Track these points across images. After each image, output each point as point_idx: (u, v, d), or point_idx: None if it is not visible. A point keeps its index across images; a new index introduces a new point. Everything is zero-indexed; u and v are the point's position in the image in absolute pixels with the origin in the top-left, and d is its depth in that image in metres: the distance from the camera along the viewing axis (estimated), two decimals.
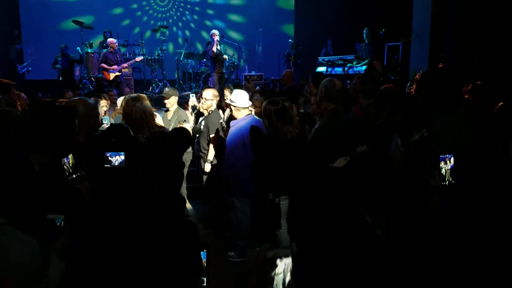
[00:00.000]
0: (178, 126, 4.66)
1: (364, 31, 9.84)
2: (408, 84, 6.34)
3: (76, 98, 3.13)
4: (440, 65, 6.63)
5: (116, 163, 2.15)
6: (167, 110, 5.31)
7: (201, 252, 1.91)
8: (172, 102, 5.21)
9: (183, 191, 5.10)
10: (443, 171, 2.35)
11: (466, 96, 4.11)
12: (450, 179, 2.35)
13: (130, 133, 2.73)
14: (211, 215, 5.39)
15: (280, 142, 3.77)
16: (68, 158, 2.01)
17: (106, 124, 4.32)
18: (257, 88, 7.15)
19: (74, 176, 2.02)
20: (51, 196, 1.87)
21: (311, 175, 2.57)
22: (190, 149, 5.21)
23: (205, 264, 1.89)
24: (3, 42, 11.42)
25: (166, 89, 5.49)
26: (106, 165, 2.13)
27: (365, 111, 4.12)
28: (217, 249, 4.70)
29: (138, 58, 10.21)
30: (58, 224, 1.79)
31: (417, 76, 4.47)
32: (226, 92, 5.92)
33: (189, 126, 4.96)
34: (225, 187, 4.36)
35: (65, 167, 1.99)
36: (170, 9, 13.90)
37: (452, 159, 2.34)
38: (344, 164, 2.63)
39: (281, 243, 3.95)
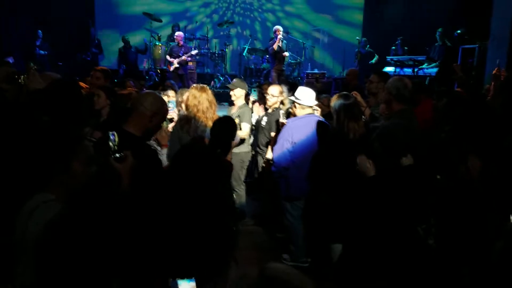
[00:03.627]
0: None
1: (438, 32, 9.32)
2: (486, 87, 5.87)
3: (147, 91, 3.14)
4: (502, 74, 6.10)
5: None
6: (232, 104, 5.18)
7: None
8: (237, 95, 4.96)
9: (242, 187, 5.05)
10: None
11: None
12: None
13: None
14: (264, 213, 5.31)
15: (343, 140, 3.59)
16: (114, 135, 1.93)
17: (171, 107, 4.40)
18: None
19: (117, 154, 1.91)
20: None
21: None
22: (249, 148, 5.13)
23: None
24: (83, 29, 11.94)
25: (235, 80, 5.29)
26: None
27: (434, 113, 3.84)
28: (270, 249, 4.62)
29: (194, 52, 10.43)
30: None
31: (494, 71, 4.05)
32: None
33: (247, 125, 4.85)
34: (277, 187, 4.25)
35: (110, 144, 1.89)
36: (236, 6, 13.97)
37: None
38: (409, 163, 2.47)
39: (335, 255, 3.80)
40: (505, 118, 2.92)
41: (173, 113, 4.47)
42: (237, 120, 4.26)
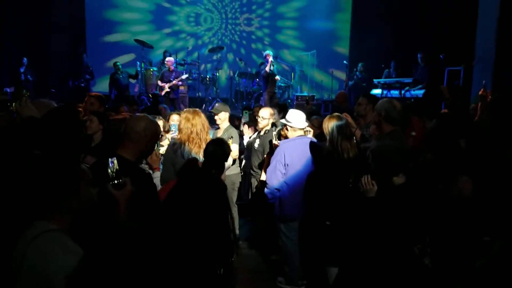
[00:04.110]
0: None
1: (419, 55, 9.61)
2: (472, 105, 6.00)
3: (139, 114, 3.17)
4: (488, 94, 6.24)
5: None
6: (218, 128, 5.25)
7: None
8: (222, 119, 5.02)
9: (234, 209, 5.05)
10: None
11: None
12: None
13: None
14: (257, 235, 5.30)
15: (337, 160, 3.64)
16: (113, 162, 1.93)
17: (173, 132, 4.44)
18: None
19: (116, 181, 1.93)
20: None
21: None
22: (238, 170, 5.17)
23: None
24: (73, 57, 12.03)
25: (217, 104, 5.41)
26: None
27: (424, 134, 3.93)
28: (264, 272, 4.59)
29: (184, 76, 10.61)
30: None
31: (481, 91, 4.14)
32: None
33: (236, 146, 4.89)
34: (271, 209, 4.26)
35: (108, 170, 1.91)
36: (225, 31, 14.20)
37: None
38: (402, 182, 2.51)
39: (331, 278, 3.80)
40: (494, 137, 2.98)
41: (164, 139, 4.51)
42: (230, 142, 4.31)
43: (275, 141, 4.51)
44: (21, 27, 11.41)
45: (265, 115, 4.98)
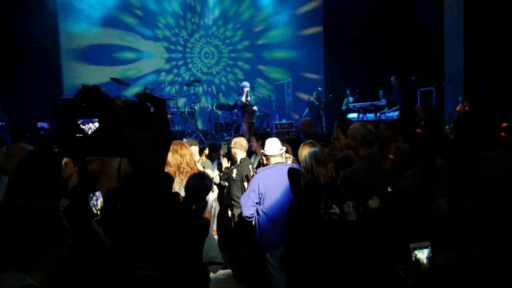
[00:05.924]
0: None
1: (392, 78, 9.87)
2: (447, 127, 6.17)
3: None
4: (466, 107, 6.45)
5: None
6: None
7: None
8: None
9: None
10: None
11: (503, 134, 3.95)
12: None
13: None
14: (244, 267, 5.21)
15: (316, 186, 3.65)
16: (97, 200, 1.92)
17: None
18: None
19: (99, 218, 1.93)
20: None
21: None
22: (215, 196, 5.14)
23: None
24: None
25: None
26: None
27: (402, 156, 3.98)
28: None
29: None
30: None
31: (458, 107, 4.28)
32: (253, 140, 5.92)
33: (215, 173, 4.93)
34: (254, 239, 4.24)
35: (93, 209, 1.91)
36: (202, 66, 14.40)
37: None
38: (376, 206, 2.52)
39: None
40: (466, 155, 3.04)
41: None
42: (210, 172, 4.34)
43: (252, 173, 4.56)
44: None
45: (237, 145, 5.02)
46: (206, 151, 4.82)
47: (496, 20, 7.86)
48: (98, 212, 1.90)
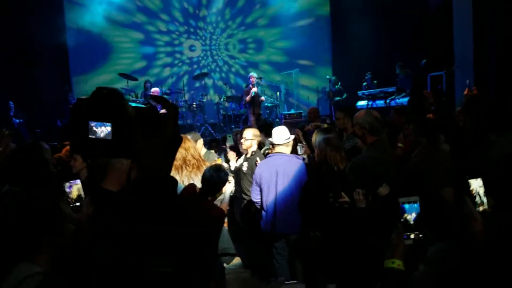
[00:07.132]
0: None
1: (397, 65, 9.76)
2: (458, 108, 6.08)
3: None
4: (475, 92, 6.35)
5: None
6: None
7: None
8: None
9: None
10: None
11: None
12: None
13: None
14: (256, 259, 5.22)
15: (326, 172, 3.65)
16: (71, 188, 2.01)
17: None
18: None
19: (74, 205, 2.04)
20: None
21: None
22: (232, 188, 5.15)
23: None
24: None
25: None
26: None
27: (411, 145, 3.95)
28: None
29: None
30: None
31: (466, 91, 4.23)
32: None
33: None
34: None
35: (68, 197, 2.01)
36: (209, 57, 14.38)
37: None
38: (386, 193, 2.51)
39: None
40: (475, 138, 3.00)
41: None
42: (219, 161, 4.43)
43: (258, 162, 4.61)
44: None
45: (248, 135, 4.94)
46: (219, 160, 4.84)
47: (506, 2, 7.70)
48: (73, 200, 2.02)
